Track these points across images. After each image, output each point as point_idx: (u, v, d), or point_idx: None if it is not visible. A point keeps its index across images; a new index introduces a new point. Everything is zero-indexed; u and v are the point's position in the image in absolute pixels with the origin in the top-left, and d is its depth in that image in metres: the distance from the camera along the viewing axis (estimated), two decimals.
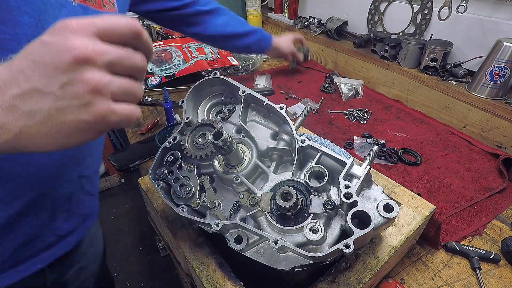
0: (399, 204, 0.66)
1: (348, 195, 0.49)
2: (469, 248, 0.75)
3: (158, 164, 0.64)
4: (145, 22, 2.16)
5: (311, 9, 1.94)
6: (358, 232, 0.45)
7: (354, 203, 0.48)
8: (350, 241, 0.45)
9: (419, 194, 0.83)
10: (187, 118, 0.67)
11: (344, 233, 0.52)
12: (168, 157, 0.64)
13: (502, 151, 1.04)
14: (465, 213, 0.86)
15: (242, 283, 0.56)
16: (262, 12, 2.15)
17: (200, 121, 0.66)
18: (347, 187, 0.50)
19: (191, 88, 0.69)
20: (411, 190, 0.72)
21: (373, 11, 1.53)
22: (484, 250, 0.74)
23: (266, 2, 2.19)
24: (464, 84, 1.19)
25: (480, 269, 0.71)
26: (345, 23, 1.68)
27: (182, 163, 0.63)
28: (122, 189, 2.62)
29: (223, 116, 0.69)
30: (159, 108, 1.45)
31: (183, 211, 0.57)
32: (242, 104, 0.66)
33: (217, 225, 0.53)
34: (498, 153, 1.03)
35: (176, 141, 0.64)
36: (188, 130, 0.65)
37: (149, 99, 1.46)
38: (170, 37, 1.90)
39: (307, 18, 1.91)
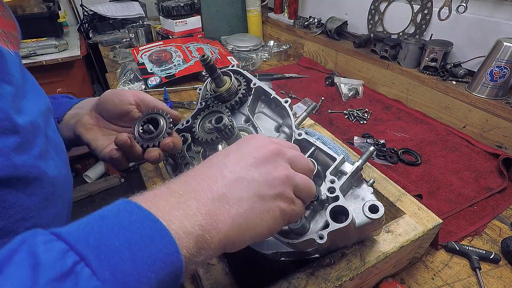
0: (402, 213, 0.66)
1: (332, 190, 0.50)
2: (469, 248, 0.75)
3: None
4: (145, 23, 2.16)
5: (311, 9, 1.94)
6: (334, 225, 0.45)
7: (336, 198, 0.49)
8: (324, 232, 0.45)
9: (420, 196, 0.83)
10: (202, 104, 0.71)
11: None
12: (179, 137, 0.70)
13: (502, 151, 1.04)
14: (465, 213, 0.87)
15: (226, 260, 0.59)
16: (262, 12, 2.15)
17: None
18: (332, 181, 0.51)
19: (209, 79, 0.71)
20: (411, 190, 0.71)
21: (373, 11, 1.53)
22: (484, 250, 0.74)
23: (266, 2, 2.19)
24: (464, 84, 1.19)
25: (480, 269, 0.71)
26: (345, 23, 1.68)
27: (192, 144, 0.69)
28: (122, 189, 2.62)
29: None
30: None
31: None
32: (252, 96, 0.69)
33: None
34: (498, 153, 1.03)
35: (189, 124, 0.70)
36: (201, 114, 0.71)
37: None
38: (170, 37, 1.90)
39: (307, 18, 1.91)
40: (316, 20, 1.84)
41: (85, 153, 2.47)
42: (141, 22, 2.20)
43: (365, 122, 1.28)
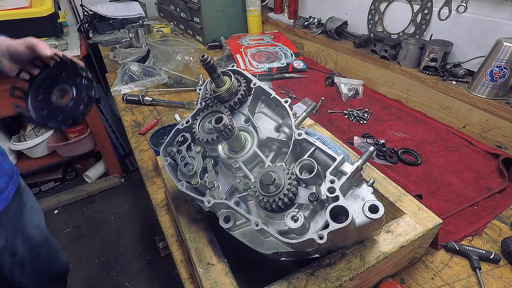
0: (402, 213, 0.66)
1: (332, 190, 0.50)
2: (469, 248, 0.75)
3: (169, 143, 0.71)
4: (145, 23, 2.16)
5: (311, 9, 1.94)
6: (334, 225, 0.45)
7: (336, 198, 0.49)
8: (324, 232, 0.45)
9: (420, 196, 0.83)
10: (202, 104, 0.72)
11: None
12: (179, 137, 0.70)
13: (502, 151, 1.04)
14: (465, 213, 0.87)
15: (226, 260, 0.59)
16: (262, 12, 2.15)
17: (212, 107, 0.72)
18: (332, 182, 0.51)
19: (209, 79, 0.71)
20: (411, 190, 0.71)
21: (373, 11, 1.53)
22: (484, 250, 0.74)
23: (266, 2, 2.19)
24: (464, 84, 1.19)
25: (480, 269, 0.71)
26: (345, 23, 1.68)
27: (192, 144, 0.69)
28: (122, 189, 2.62)
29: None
30: (159, 108, 1.45)
31: (182, 186, 0.63)
32: (252, 96, 0.69)
33: (209, 202, 0.58)
34: (498, 153, 1.03)
35: (189, 124, 0.70)
36: (201, 114, 0.71)
37: (149, 99, 1.46)
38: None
39: (307, 18, 1.91)
40: (316, 20, 1.84)
41: (85, 153, 2.47)
42: (141, 22, 2.20)
43: (365, 122, 1.27)
